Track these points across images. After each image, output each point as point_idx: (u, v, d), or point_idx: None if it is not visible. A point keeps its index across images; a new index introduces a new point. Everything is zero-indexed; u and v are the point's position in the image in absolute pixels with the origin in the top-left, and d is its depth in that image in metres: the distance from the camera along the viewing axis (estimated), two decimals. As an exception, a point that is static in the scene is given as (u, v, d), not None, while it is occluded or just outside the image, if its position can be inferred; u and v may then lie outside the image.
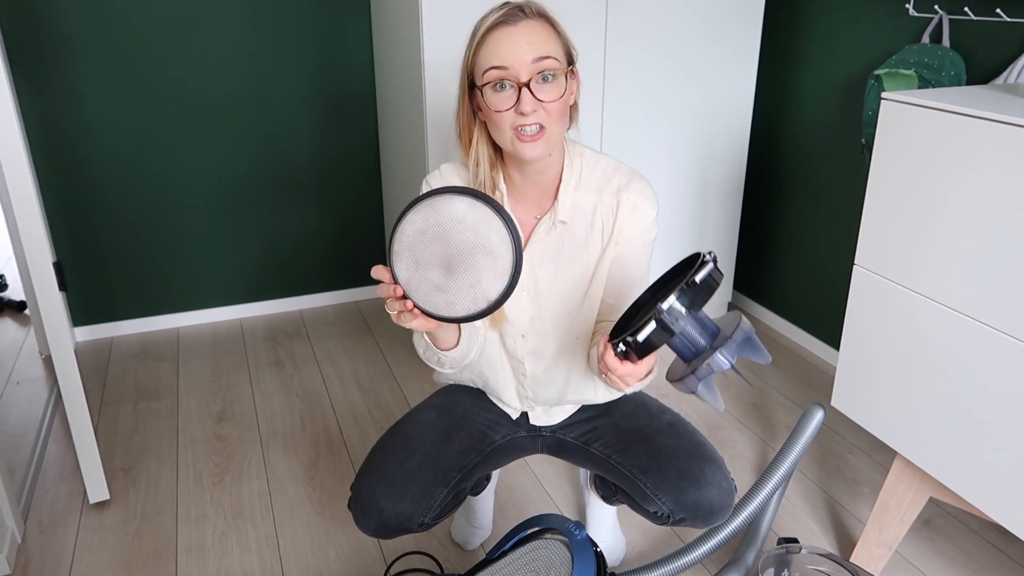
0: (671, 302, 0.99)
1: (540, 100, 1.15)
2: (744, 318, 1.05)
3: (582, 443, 1.45)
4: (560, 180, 1.28)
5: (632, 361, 1.04)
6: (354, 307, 3.00)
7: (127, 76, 2.49)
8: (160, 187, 2.65)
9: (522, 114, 1.15)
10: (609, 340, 1.06)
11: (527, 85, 1.14)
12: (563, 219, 1.28)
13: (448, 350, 1.26)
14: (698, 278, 0.99)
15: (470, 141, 1.25)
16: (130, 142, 2.57)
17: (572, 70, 1.21)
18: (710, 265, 1.01)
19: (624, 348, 1.02)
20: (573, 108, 1.26)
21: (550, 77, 1.15)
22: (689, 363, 1.05)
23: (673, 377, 1.08)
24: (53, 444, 2.13)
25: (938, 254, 1.29)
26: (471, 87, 1.20)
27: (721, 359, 1.00)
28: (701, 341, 1.03)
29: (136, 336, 2.77)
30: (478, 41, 1.16)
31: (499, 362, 1.41)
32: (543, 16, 1.18)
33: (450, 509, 1.39)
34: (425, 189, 1.32)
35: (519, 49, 1.13)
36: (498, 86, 1.15)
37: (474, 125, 1.23)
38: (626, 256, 1.32)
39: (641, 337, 1.00)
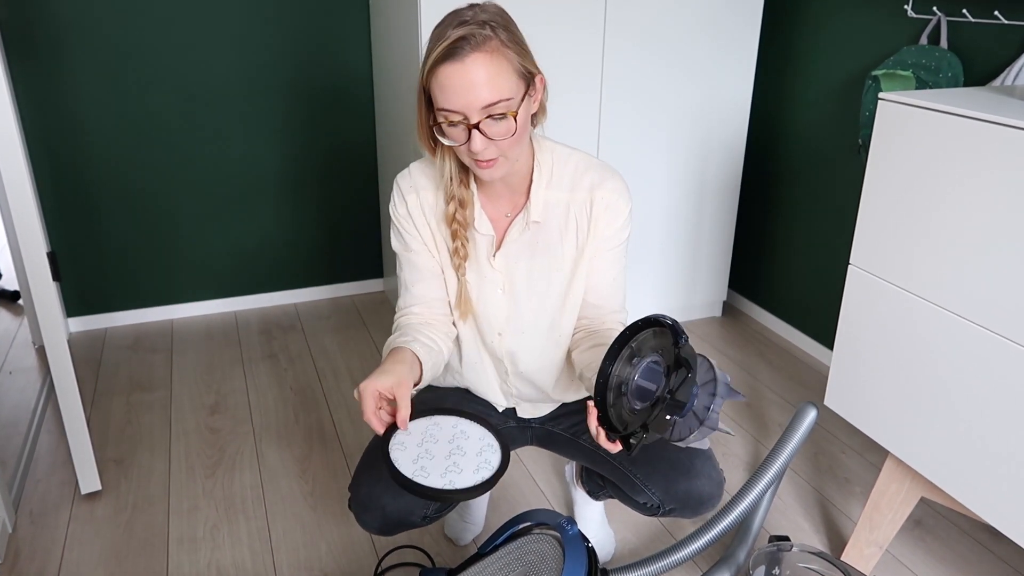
0: (644, 432, 1.03)
1: (491, 139, 1.13)
2: (711, 363, 1.08)
3: (571, 435, 1.46)
4: (531, 179, 1.28)
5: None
6: (349, 302, 2.99)
7: (123, 67, 2.48)
8: (155, 179, 2.65)
9: (472, 151, 1.14)
10: (599, 421, 1.11)
11: (477, 127, 1.12)
12: (536, 219, 1.28)
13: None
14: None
15: (434, 143, 1.22)
16: (125, 133, 2.56)
17: (531, 88, 1.17)
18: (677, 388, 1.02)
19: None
20: (540, 112, 1.23)
21: (500, 118, 1.13)
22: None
23: (676, 439, 1.12)
24: (45, 434, 2.12)
25: (933, 255, 1.29)
26: (428, 100, 1.17)
27: (700, 434, 1.06)
28: (681, 422, 1.07)
29: (130, 327, 2.77)
30: (429, 69, 1.12)
31: (478, 362, 1.42)
32: (492, 39, 1.11)
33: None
34: (395, 190, 1.32)
35: (467, 94, 1.10)
36: (450, 124, 1.13)
37: (425, 125, 1.20)
38: (603, 255, 1.33)
39: (628, 451, 1.07)
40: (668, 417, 1.02)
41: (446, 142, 1.16)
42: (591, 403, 1.12)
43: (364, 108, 2.80)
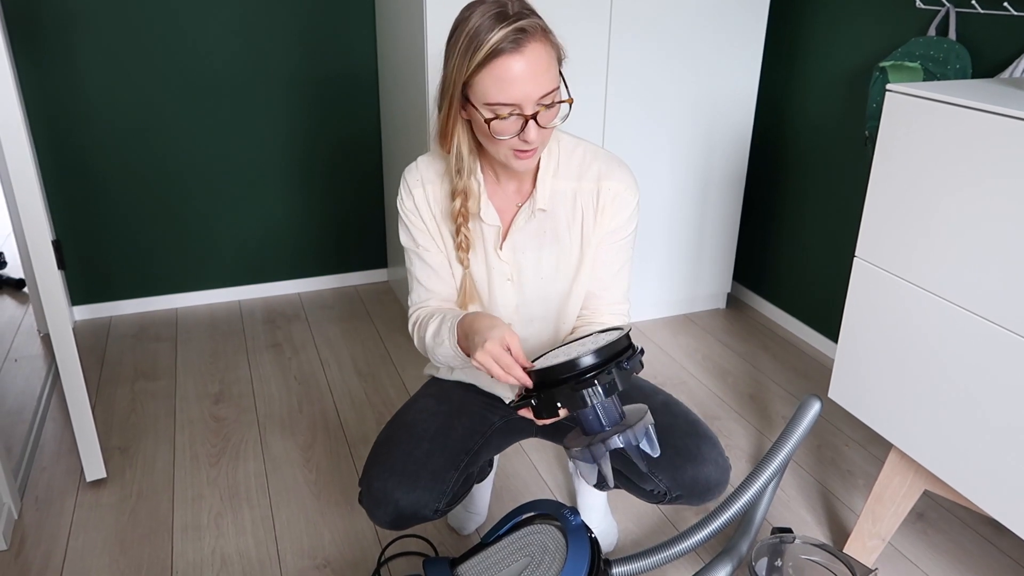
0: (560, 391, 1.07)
1: (543, 128, 1.15)
2: (647, 416, 1.09)
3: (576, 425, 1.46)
4: (538, 167, 1.28)
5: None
6: (353, 291, 3.00)
7: (128, 56, 2.48)
8: (160, 167, 2.65)
9: (526, 142, 1.15)
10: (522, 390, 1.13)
11: (534, 118, 1.13)
12: (542, 207, 1.29)
13: None
14: (580, 391, 1.05)
15: (450, 136, 1.23)
16: (131, 121, 2.56)
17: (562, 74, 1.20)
18: (596, 391, 1.05)
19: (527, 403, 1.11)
20: None
21: (550, 105, 1.15)
22: (585, 436, 1.11)
23: (567, 445, 1.15)
24: (51, 422, 2.13)
25: (939, 247, 1.29)
26: (463, 96, 1.16)
27: (583, 455, 1.08)
28: (595, 427, 1.09)
29: (134, 316, 2.77)
30: (480, 61, 1.10)
31: None
32: (541, 29, 1.13)
33: (461, 495, 1.39)
34: (403, 184, 1.33)
35: (527, 86, 1.11)
36: (500, 117, 1.13)
37: (457, 124, 1.21)
38: (608, 246, 1.33)
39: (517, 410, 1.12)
40: (564, 400, 1.06)
41: (495, 135, 1.15)
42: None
43: (369, 98, 2.79)
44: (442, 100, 1.20)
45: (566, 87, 1.20)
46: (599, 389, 1.04)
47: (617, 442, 1.06)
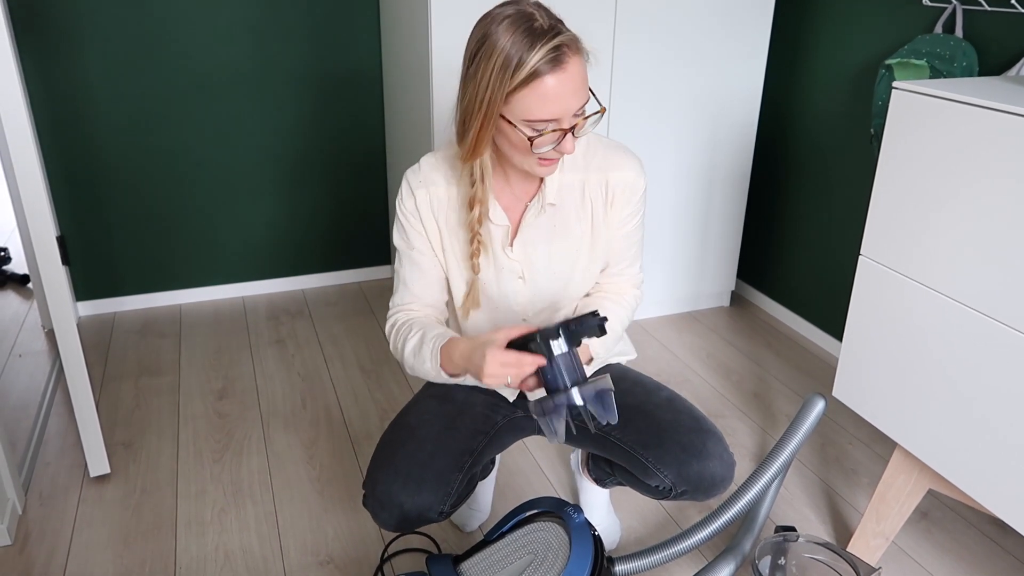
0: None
1: (577, 138, 1.17)
2: (604, 381, 1.14)
3: (580, 422, 1.46)
4: None
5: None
6: (357, 288, 3.00)
7: (133, 51, 2.48)
8: (165, 163, 2.65)
9: (562, 152, 1.16)
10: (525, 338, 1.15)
11: (572, 131, 1.14)
12: (552, 201, 1.29)
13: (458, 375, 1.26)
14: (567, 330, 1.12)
15: (480, 152, 1.20)
16: (136, 118, 2.56)
17: None
18: (560, 339, 1.11)
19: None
20: None
21: (580, 114, 1.16)
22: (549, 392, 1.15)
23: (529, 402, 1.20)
24: (55, 417, 2.13)
25: (944, 246, 1.28)
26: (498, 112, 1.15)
27: (539, 408, 1.12)
28: (551, 385, 1.13)
29: (138, 312, 2.78)
30: (521, 81, 1.09)
31: None
32: (574, 40, 1.13)
33: (465, 495, 1.39)
34: (404, 184, 1.32)
35: (568, 101, 1.11)
36: (539, 133, 1.14)
37: (489, 140, 1.19)
38: (619, 234, 1.35)
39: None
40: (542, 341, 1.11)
41: (534, 150, 1.15)
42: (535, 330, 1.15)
43: (373, 95, 2.79)
44: (471, 118, 1.16)
45: (594, 96, 1.19)
46: (544, 347, 1.11)
47: (570, 398, 1.11)
